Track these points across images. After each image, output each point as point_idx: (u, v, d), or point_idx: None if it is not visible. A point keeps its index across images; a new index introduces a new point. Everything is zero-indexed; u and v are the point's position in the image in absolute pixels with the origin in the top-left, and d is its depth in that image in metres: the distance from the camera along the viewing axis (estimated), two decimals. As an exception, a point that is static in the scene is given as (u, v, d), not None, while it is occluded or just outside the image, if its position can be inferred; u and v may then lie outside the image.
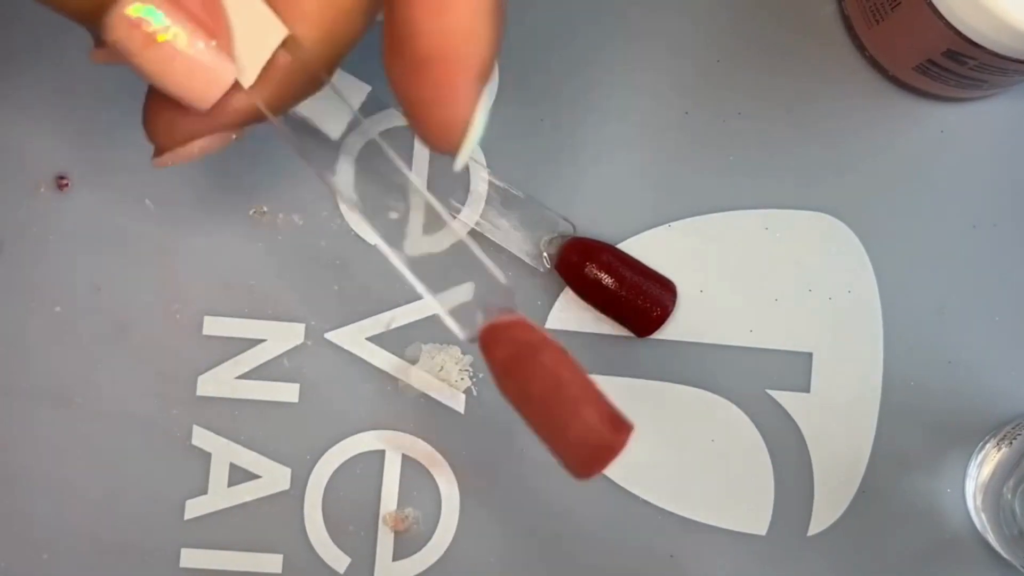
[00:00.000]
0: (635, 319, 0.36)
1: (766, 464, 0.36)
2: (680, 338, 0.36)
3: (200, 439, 0.36)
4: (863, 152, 0.37)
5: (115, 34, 0.22)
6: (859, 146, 0.37)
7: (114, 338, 0.36)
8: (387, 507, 0.36)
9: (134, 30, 0.21)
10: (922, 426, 0.36)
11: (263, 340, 0.36)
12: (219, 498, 0.36)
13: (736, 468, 0.36)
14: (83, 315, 0.36)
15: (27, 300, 0.36)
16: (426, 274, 0.24)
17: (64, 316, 0.36)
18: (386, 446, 0.36)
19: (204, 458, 0.36)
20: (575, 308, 0.36)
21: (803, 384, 0.36)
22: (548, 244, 0.36)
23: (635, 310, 0.36)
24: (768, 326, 0.36)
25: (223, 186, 0.36)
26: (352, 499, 0.36)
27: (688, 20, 0.37)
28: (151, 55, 0.22)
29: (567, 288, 0.36)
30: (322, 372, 0.36)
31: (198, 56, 0.22)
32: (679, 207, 0.37)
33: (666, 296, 0.36)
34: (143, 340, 0.36)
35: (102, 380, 0.36)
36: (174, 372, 0.36)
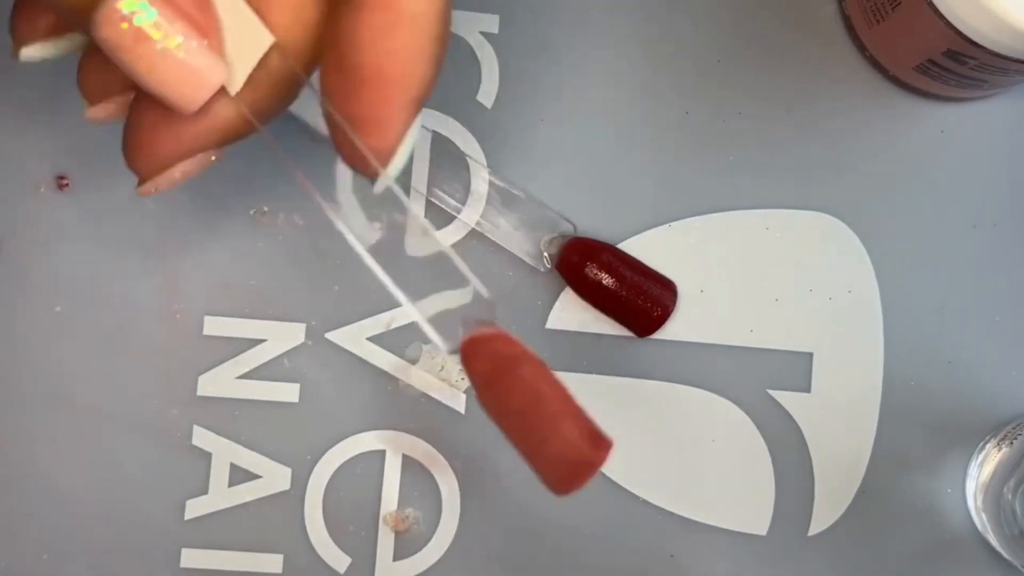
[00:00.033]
0: (635, 319, 0.36)
1: (766, 464, 0.36)
2: (680, 338, 0.36)
3: (200, 439, 0.36)
4: (863, 152, 0.37)
5: (106, 29, 0.21)
6: (859, 146, 0.37)
7: (114, 338, 0.36)
8: (387, 507, 0.36)
9: (125, 25, 0.21)
10: (922, 426, 0.36)
11: (263, 340, 0.36)
12: (219, 498, 0.36)
13: (736, 468, 0.36)
14: (83, 315, 0.36)
15: (27, 300, 0.36)
16: (408, 284, 0.24)
17: (64, 316, 0.36)
18: (386, 446, 0.36)
19: (204, 458, 0.36)
20: (575, 308, 0.36)
21: (803, 384, 0.36)
22: (548, 244, 0.36)
23: (635, 310, 0.36)
24: (768, 326, 0.36)
25: (224, 186, 0.36)
26: (352, 499, 0.36)
27: (688, 20, 0.37)
28: (141, 51, 0.21)
29: (567, 288, 0.36)
30: (322, 372, 0.36)
31: (189, 55, 0.22)
32: (679, 207, 0.37)
33: (666, 296, 0.36)
34: (143, 340, 0.36)
35: (102, 380, 0.36)
36: (174, 372, 0.36)
